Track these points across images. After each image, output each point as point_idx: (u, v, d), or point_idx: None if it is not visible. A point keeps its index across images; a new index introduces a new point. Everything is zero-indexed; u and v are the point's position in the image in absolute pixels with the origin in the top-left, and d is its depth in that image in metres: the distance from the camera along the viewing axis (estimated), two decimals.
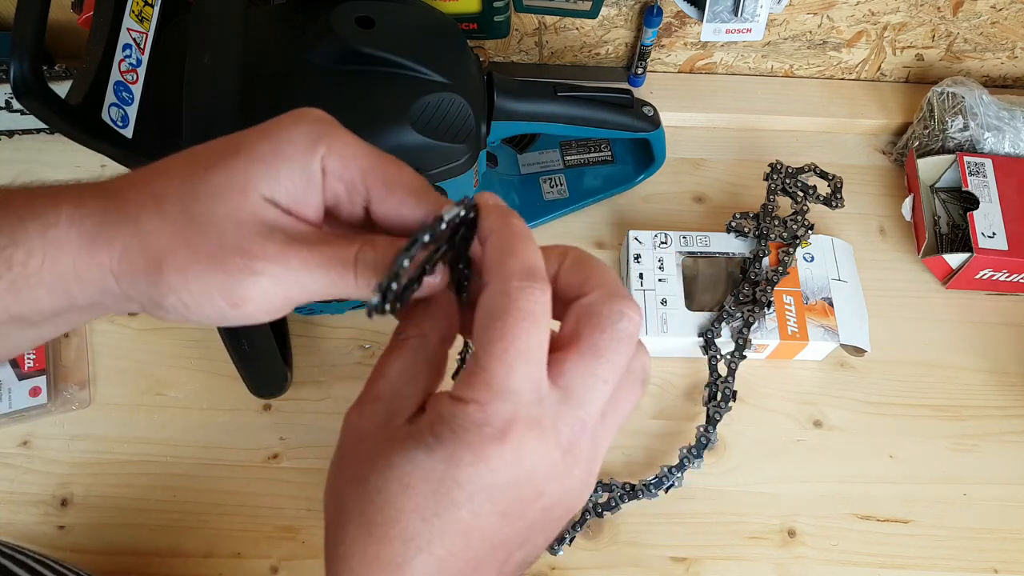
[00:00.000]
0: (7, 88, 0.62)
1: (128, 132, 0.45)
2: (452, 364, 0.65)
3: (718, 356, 0.61)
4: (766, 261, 0.65)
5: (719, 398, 0.60)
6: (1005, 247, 0.65)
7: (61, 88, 0.41)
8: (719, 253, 0.66)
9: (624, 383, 0.28)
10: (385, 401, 0.29)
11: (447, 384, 0.29)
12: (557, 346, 0.28)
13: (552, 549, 0.57)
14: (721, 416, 0.59)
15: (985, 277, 0.67)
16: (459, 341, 0.37)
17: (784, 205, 0.68)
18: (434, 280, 0.30)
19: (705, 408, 0.60)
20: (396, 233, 0.31)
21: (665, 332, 0.62)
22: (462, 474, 0.26)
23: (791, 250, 0.64)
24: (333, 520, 0.28)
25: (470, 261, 0.30)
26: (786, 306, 0.63)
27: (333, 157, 0.30)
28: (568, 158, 0.72)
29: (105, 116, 0.43)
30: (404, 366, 0.30)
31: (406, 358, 0.30)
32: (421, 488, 0.26)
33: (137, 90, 0.46)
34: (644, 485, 0.58)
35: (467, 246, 0.30)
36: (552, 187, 0.71)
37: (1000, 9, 0.71)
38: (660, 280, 0.64)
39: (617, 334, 0.27)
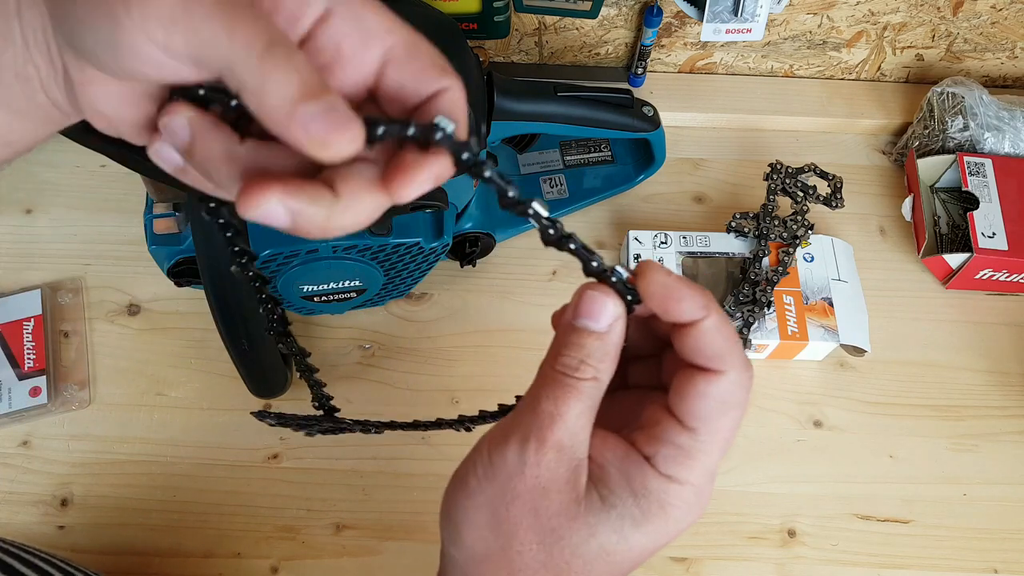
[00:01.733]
0: None
1: None
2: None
3: None
4: (766, 261, 0.65)
5: None
6: (1005, 247, 0.65)
7: None
8: (719, 253, 0.66)
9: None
10: (567, 452, 0.27)
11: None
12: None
13: None
14: None
15: (985, 277, 0.67)
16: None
17: (784, 205, 0.68)
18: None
19: None
20: (397, 114, 0.27)
21: None
22: (656, 542, 0.29)
23: (791, 250, 0.64)
24: (492, 555, 0.28)
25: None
26: (786, 306, 0.63)
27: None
28: (568, 158, 0.72)
29: None
30: (583, 411, 0.28)
31: (584, 403, 0.28)
32: (621, 559, 0.28)
33: None
34: None
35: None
36: (552, 187, 0.71)
37: (1000, 9, 0.71)
38: None
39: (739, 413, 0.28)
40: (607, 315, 0.29)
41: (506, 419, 0.29)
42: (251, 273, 0.33)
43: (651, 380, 0.31)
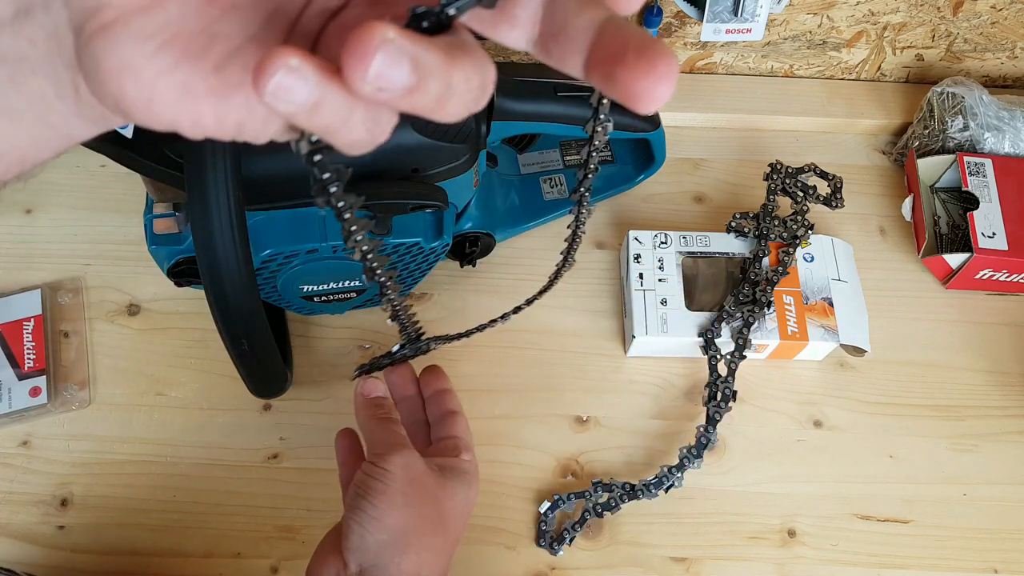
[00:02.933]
0: None
1: (128, 132, 0.45)
2: None
3: (718, 356, 0.61)
4: (766, 261, 0.65)
5: (719, 398, 0.60)
6: (1005, 247, 0.65)
7: None
8: (719, 253, 0.66)
9: None
10: (417, 453, 0.46)
11: None
12: None
13: (552, 549, 0.57)
14: (721, 416, 0.59)
15: (985, 277, 0.67)
16: None
17: (784, 205, 0.68)
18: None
19: (705, 408, 0.60)
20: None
21: (665, 332, 0.62)
22: (472, 495, 0.48)
23: (791, 250, 0.64)
24: (414, 524, 0.42)
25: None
26: (786, 306, 0.63)
27: None
28: (568, 158, 0.72)
29: None
30: (405, 435, 0.47)
31: (403, 430, 0.48)
32: (463, 505, 0.47)
33: None
34: (644, 485, 0.58)
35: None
36: (552, 187, 0.70)
37: (1000, 9, 0.71)
38: (660, 280, 0.64)
39: None
40: (379, 388, 0.50)
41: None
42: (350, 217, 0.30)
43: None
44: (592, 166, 0.34)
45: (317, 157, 0.25)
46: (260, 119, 0.23)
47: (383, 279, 0.38)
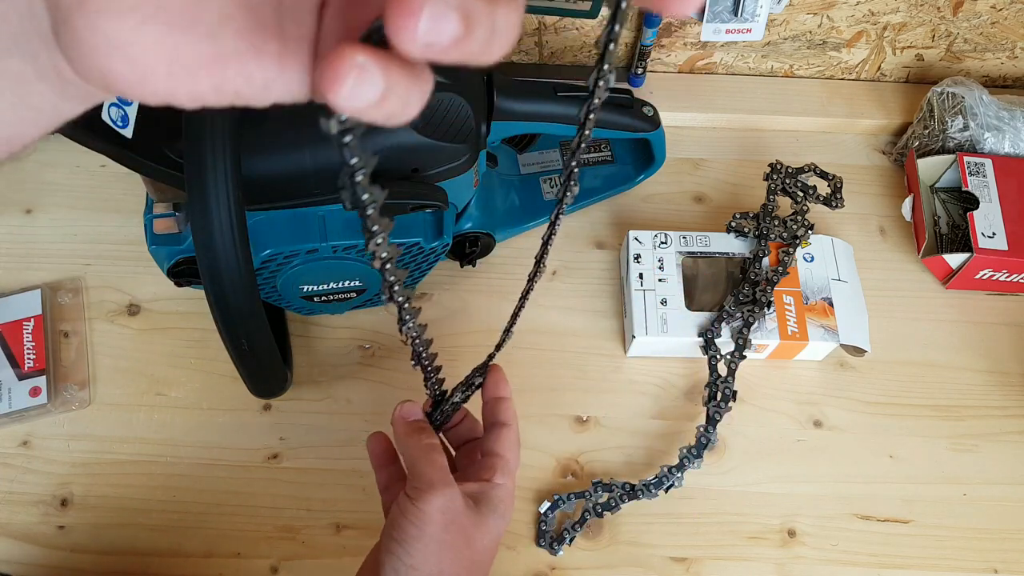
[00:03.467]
0: None
1: (128, 132, 0.45)
2: None
3: (718, 356, 0.61)
4: (766, 261, 0.65)
5: (719, 398, 0.60)
6: (1005, 247, 0.65)
7: None
8: (719, 253, 0.66)
9: None
10: (453, 487, 0.43)
11: None
12: None
13: (552, 549, 0.57)
14: (721, 416, 0.59)
15: (985, 277, 0.67)
16: None
17: (784, 205, 0.68)
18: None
19: (705, 408, 0.60)
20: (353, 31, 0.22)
21: (665, 332, 0.62)
22: (503, 526, 0.45)
23: (791, 250, 0.64)
24: (444, 569, 0.41)
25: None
26: (786, 306, 0.63)
27: None
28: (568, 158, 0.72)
29: (105, 116, 0.43)
30: (444, 460, 0.44)
31: (441, 455, 0.45)
32: (495, 539, 0.45)
33: None
34: (644, 485, 0.58)
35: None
36: (552, 187, 0.71)
37: (1000, 9, 0.71)
38: (660, 280, 0.64)
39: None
40: (417, 412, 0.47)
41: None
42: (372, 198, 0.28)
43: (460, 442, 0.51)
44: (579, 156, 0.32)
45: (347, 138, 0.24)
46: (260, 85, 0.22)
47: (400, 299, 0.34)
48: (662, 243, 0.65)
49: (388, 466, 0.49)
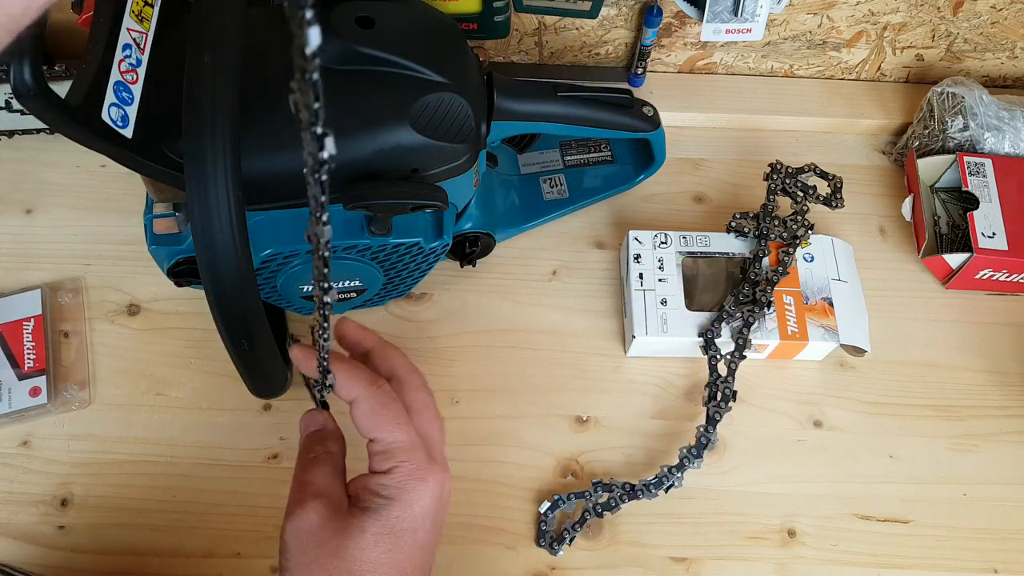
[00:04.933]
0: (7, 88, 0.62)
1: (128, 132, 0.45)
2: None
3: (718, 356, 0.61)
4: (766, 261, 0.65)
5: (719, 398, 0.60)
6: (1005, 247, 0.65)
7: (61, 88, 0.41)
8: (719, 253, 0.66)
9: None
10: (324, 497, 0.40)
11: None
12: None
13: (552, 549, 0.57)
14: (721, 416, 0.59)
15: (985, 277, 0.67)
16: None
17: (784, 205, 0.68)
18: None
19: (705, 408, 0.60)
20: None
21: (665, 332, 0.62)
22: (412, 512, 0.39)
23: (791, 250, 0.64)
24: None
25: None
26: (786, 306, 0.63)
27: None
28: (568, 158, 0.72)
29: (105, 116, 0.43)
30: (325, 472, 0.41)
31: (323, 467, 0.42)
32: (390, 534, 0.39)
33: (137, 90, 0.46)
34: (644, 485, 0.58)
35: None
36: (552, 187, 0.71)
37: (1000, 9, 0.71)
38: (660, 280, 0.64)
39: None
40: (318, 421, 0.44)
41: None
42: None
43: None
44: None
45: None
46: None
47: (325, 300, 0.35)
48: (662, 243, 0.65)
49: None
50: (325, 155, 0.27)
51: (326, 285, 0.34)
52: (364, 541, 0.38)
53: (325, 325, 0.37)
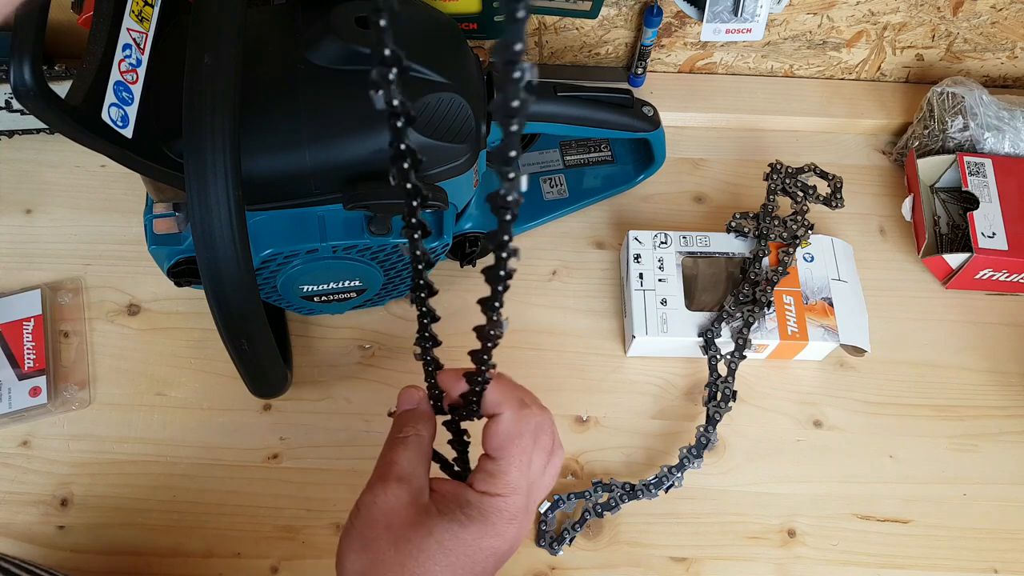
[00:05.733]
0: (7, 88, 0.62)
1: (128, 132, 0.45)
2: None
3: (718, 356, 0.61)
4: (766, 261, 0.65)
5: (719, 398, 0.60)
6: (1005, 247, 0.65)
7: (61, 88, 0.41)
8: (719, 253, 0.66)
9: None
10: (406, 482, 0.39)
11: None
12: None
13: (552, 549, 0.57)
14: (721, 416, 0.59)
15: (985, 277, 0.67)
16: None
17: (784, 205, 0.68)
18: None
19: (705, 408, 0.60)
20: None
21: (665, 332, 0.62)
22: (485, 543, 0.38)
23: (791, 250, 0.64)
24: (367, 570, 0.37)
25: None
26: (786, 306, 0.63)
27: None
28: (568, 158, 0.72)
29: (105, 116, 0.43)
30: (412, 456, 0.40)
31: (411, 450, 0.41)
32: (455, 551, 0.37)
33: (137, 90, 0.46)
34: (644, 485, 0.58)
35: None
36: (552, 187, 0.71)
37: (1000, 9, 0.71)
38: (660, 280, 0.64)
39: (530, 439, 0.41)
40: (413, 399, 0.43)
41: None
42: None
43: None
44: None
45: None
46: None
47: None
48: (662, 243, 0.65)
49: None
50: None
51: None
52: (428, 544, 0.37)
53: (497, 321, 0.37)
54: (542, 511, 0.58)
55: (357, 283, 0.58)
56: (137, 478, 0.59)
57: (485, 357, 0.39)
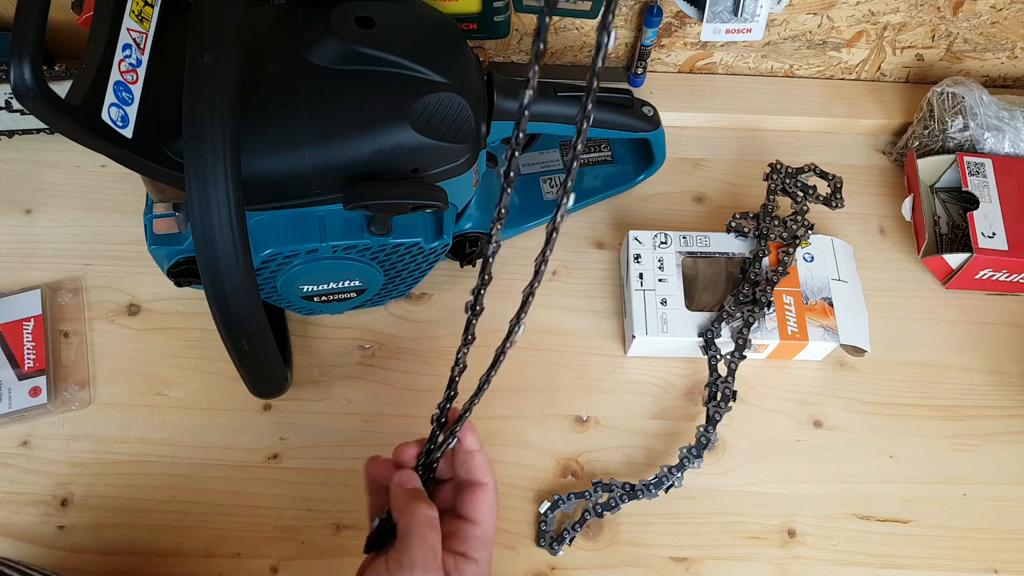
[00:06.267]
0: (7, 88, 0.62)
1: (128, 132, 0.45)
2: None
3: (718, 356, 0.61)
4: (766, 261, 0.65)
5: (719, 398, 0.60)
6: (1005, 247, 0.65)
7: (61, 88, 0.41)
8: (719, 253, 0.66)
9: None
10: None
11: None
12: None
13: (552, 549, 0.57)
14: (721, 416, 0.59)
15: (985, 277, 0.67)
16: None
17: (784, 205, 0.68)
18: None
19: (705, 408, 0.60)
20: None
21: (665, 332, 0.62)
22: None
23: (791, 250, 0.64)
24: None
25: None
26: (786, 306, 0.63)
27: None
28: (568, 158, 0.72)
29: (105, 116, 0.43)
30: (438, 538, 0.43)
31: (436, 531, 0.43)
32: None
33: (137, 90, 0.46)
34: (644, 485, 0.58)
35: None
36: (552, 187, 0.71)
37: (1000, 9, 0.71)
38: (660, 280, 0.64)
39: None
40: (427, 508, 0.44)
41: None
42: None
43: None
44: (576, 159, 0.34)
45: None
46: None
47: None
48: (662, 243, 0.65)
49: (383, 494, 0.47)
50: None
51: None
52: None
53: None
54: (542, 511, 0.58)
55: (357, 283, 0.58)
56: (137, 478, 0.59)
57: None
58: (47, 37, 0.41)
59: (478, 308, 0.42)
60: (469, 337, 0.42)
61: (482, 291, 0.40)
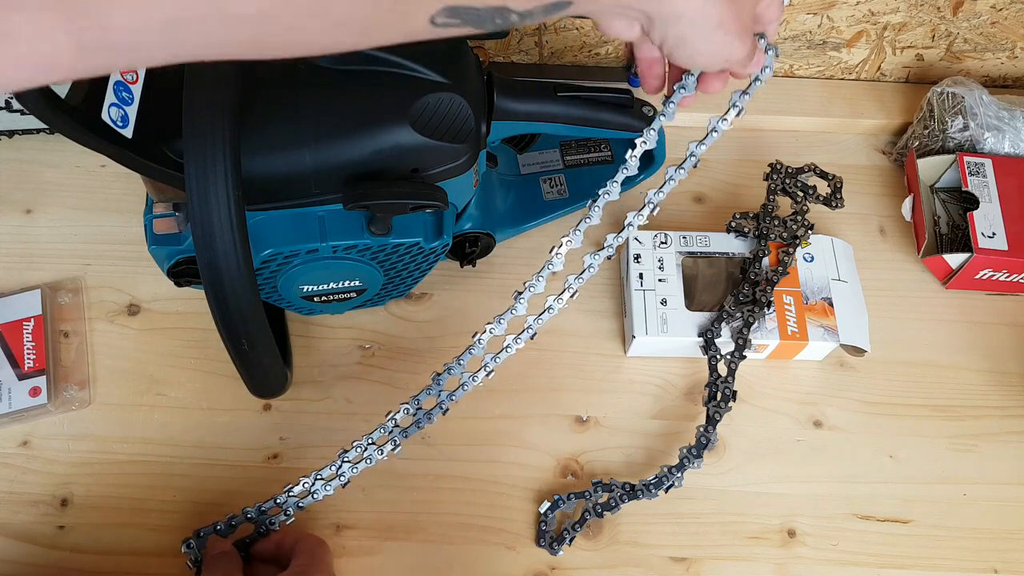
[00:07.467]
0: None
1: (128, 132, 0.45)
2: None
3: (718, 356, 0.61)
4: (766, 261, 0.65)
5: (719, 398, 0.60)
6: (1005, 247, 0.65)
7: (61, 88, 0.41)
8: (719, 253, 0.66)
9: None
10: None
11: None
12: None
13: (552, 549, 0.57)
14: (721, 416, 0.59)
15: (985, 277, 0.67)
16: None
17: (784, 205, 0.68)
18: None
19: (705, 408, 0.60)
20: None
21: (665, 332, 0.62)
22: None
23: (791, 250, 0.64)
24: None
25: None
26: (786, 306, 0.63)
27: None
28: (568, 158, 0.72)
29: (105, 116, 0.43)
30: None
31: None
32: None
33: (137, 90, 0.46)
34: (644, 485, 0.58)
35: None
36: (552, 187, 0.70)
37: (1000, 9, 0.71)
38: (660, 280, 0.64)
39: None
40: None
41: None
42: None
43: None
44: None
45: None
46: None
47: None
48: (662, 243, 0.65)
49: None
50: None
51: None
52: None
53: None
54: (542, 511, 0.58)
55: (357, 283, 0.58)
56: (137, 478, 0.59)
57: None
58: None
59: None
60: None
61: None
